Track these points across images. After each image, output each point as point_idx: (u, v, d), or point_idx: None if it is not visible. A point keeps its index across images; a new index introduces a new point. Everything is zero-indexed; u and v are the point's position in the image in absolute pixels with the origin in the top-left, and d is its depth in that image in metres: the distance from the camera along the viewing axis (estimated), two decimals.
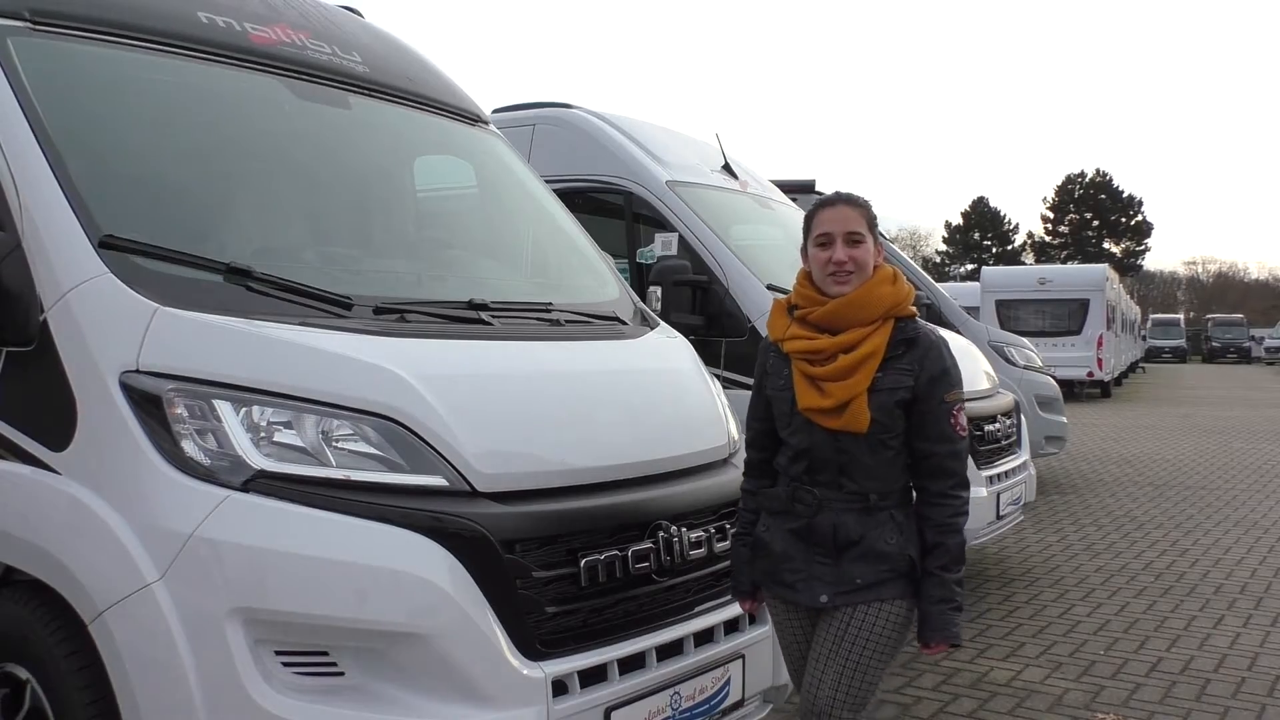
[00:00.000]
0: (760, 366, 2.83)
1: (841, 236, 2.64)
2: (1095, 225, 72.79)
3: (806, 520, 2.65)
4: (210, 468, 2.41)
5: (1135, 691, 4.77)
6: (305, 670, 2.35)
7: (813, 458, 2.64)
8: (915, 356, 2.62)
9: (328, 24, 3.76)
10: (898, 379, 2.59)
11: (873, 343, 2.59)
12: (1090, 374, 23.20)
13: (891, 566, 2.62)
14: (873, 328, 2.61)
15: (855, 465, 2.61)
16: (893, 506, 2.64)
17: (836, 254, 2.63)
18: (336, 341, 2.64)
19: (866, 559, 2.61)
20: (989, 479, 6.07)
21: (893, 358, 2.60)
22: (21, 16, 2.93)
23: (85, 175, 2.74)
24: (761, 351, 2.85)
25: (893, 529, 2.62)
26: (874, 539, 2.61)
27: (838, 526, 2.62)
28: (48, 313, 2.58)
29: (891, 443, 2.62)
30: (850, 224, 2.65)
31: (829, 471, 2.63)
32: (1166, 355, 50.85)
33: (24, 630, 2.55)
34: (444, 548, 2.43)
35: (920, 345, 2.64)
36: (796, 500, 2.67)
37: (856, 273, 2.64)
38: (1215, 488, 10.70)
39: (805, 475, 2.66)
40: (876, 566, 2.61)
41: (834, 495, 2.63)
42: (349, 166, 3.71)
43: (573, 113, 6.73)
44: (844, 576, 2.62)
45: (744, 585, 2.86)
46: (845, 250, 2.64)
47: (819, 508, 2.64)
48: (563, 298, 3.61)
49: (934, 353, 2.64)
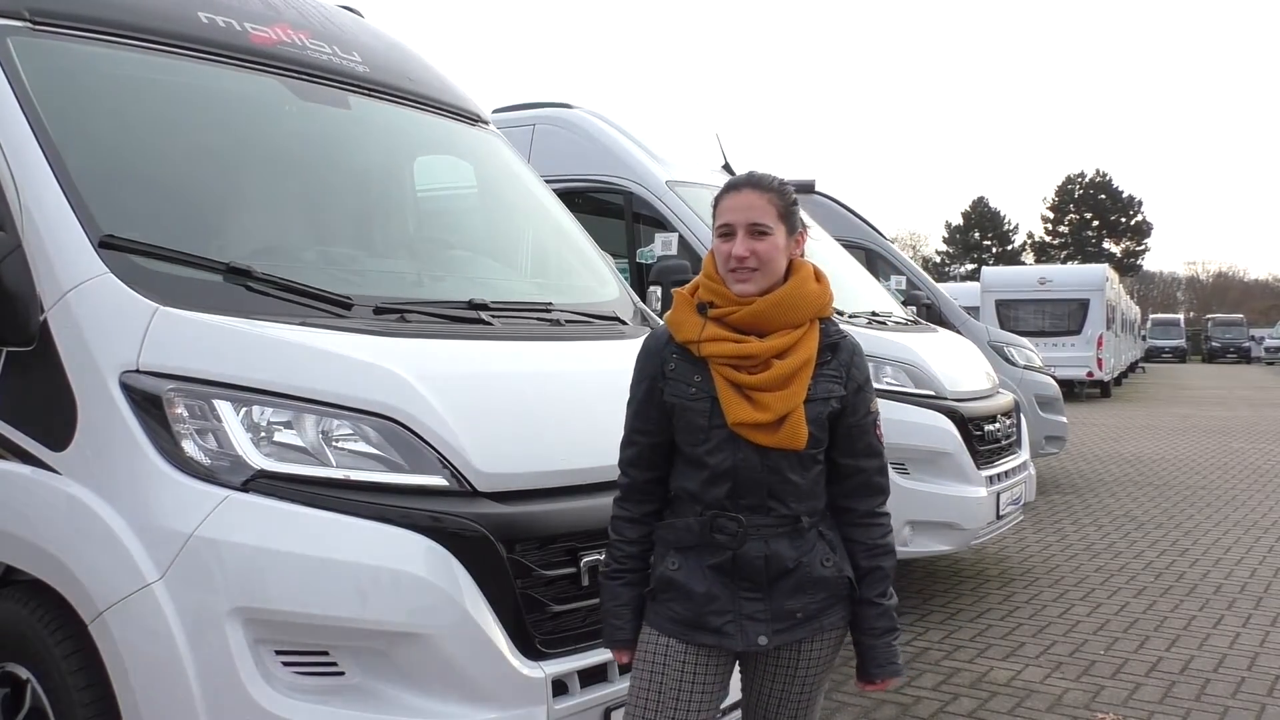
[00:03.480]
0: (653, 369, 2.37)
1: (744, 228, 2.29)
2: (1095, 225, 72.79)
3: (731, 553, 2.27)
4: (210, 467, 2.42)
5: (1135, 691, 4.77)
6: (305, 670, 2.36)
7: (738, 479, 2.27)
8: (841, 362, 2.35)
9: (328, 24, 3.76)
10: (828, 387, 2.31)
11: (807, 347, 2.30)
12: (1090, 374, 23.20)
13: (830, 592, 2.33)
14: (802, 330, 2.31)
15: (785, 485, 2.28)
16: (820, 525, 2.35)
17: (736, 248, 2.29)
18: (336, 341, 2.64)
19: (804, 589, 2.29)
20: (989, 479, 6.08)
21: (821, 364, 2.32)
22: (21, 16, 2.93)
23: (85, 175, 2.74)
24: (652, 352, 2.39)
25: (825, 549, 2.32)
26: (809, 564, 2.29)
27: (770, 556, 2.27)
28: (48, 313, 2.58)
29: (820, 458, 2.34)
30: (755, 214, 2.29)
31: (756, 494, 2.27)
32: (1166, 355, 50.85)
33: (24, 630, 2.55)
34: (444, 548, 2.43)
35: (844, 350, 2.37)
36: (716, 530, 2.27)
37: (760, 270, 2.29)
38: (1215, 488, 10.70)
39: (727, 500, 2.28)
40: (815, 595, 2.31)
41: (762, 521, 2.27)
42: (349, 166, 3.71)
43: (573, 113, 6.74)
44: (780, 612, 2.29)
45: (625, 633, 2.38)
46: (747, 243, 2.28)
47: (744, 537, 2.27)
48: (563, 298, 3.61)
49: (859, 358, 2.39)
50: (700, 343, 2.29)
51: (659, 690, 2.30)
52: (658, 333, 2.43)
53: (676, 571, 2.31)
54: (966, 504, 5.88)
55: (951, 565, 7.17)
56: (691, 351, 2.32)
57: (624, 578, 2.39)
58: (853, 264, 7.98)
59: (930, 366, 6.12)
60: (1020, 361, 10.28)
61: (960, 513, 5.85)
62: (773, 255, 2.31)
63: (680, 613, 2.30)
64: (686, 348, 2.32)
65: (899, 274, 10.05)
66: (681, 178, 6.48)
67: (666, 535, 2.35)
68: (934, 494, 5.79)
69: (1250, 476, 11.55)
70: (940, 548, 5.94)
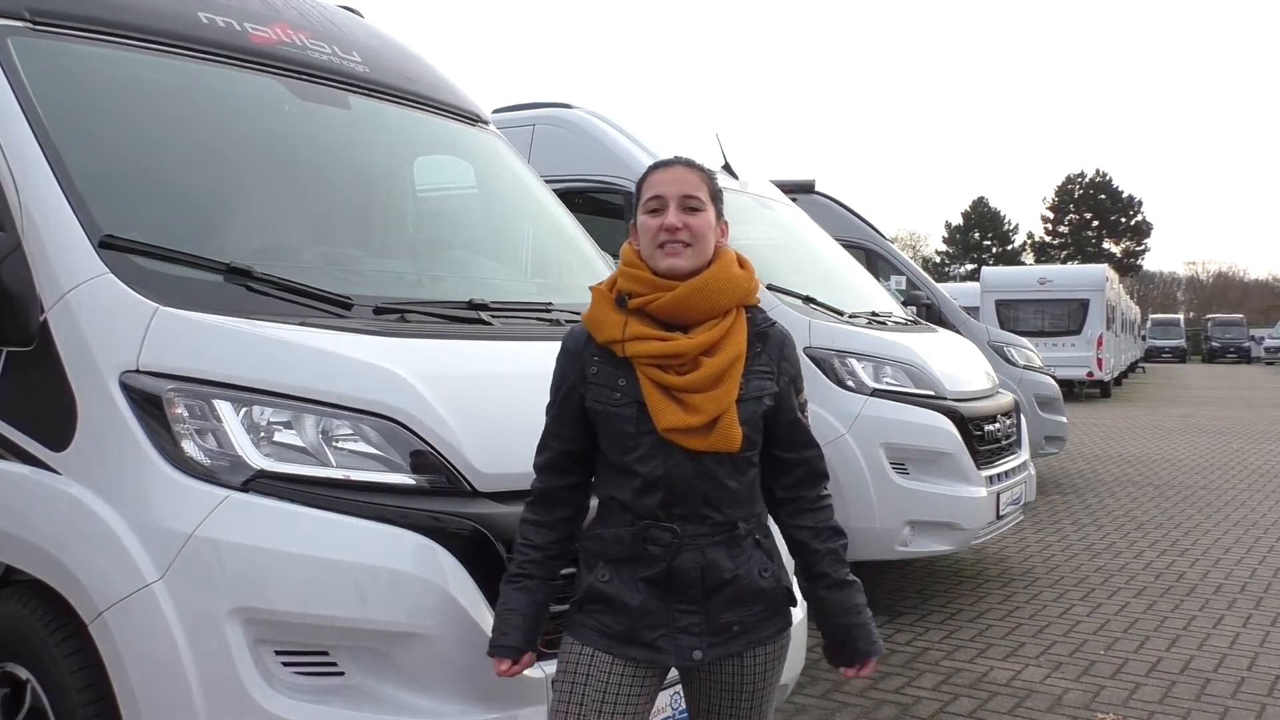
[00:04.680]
0: (573, 373, 2.26)
1: (676, 200, 2.20)
2: (1095, 225, 72.82)
3: (666, 564, 2.16)
4: (210, 467, 2.41)
5: (1135, 691, 4.77)
6: (305, 670, 2.35)
7: (671, 487, 2.15)
8: (771, 355, 2.24)
9: (328, 24, 3.76)
10: (760, 384, 2.21)
11: (736, 342, 2.18)
12: (1090, 374, 23.21)
13: (767, 604, 2.24)
14: (729, 321, 2.20)
15: (720, 491, 2.17)
16: (755, 533, 2.25)
17: (669, 219, 2.18)
18: (336, 341, 2.64)
19: (741, 601, 2.20)
20: (989, 479, 6.07)
21: (750, 356, 2.21)
22: (21, 16, 2.93)
23: (85, 175, 2.74)
24: (571, 355, 2.28)
25: (763, 558, 2.24)
26: (748, 575, 2.20)
27: (706, 567, 2.16)
28: (48, 313, 2.58)
29: (755, 459, 2.25)
30: (687, 187, 2.21)
31: (690, 502, 2.16)
32: (1166, 355, 50.85)
33: (24, 630, 2.55)
34: (444, 547, 2.42)
35: (774, 341, 2.26)
36: (649, 542, 2.16)
37: (693, 245, 2.19)
38: (1215, 488, 10.70)
39: (660, 509, 2.17)
40: (752, 607, 2.21)
41: (697, 530, 2.17)
42: (349, 166, 3.71)
43: (573, 113, 6.74)
44: (716, 625, 2.19)
45: (514, 639, 2.23)
46: (680, 215, 2.18)
47: (679, 548, 2.16)
48: (563, 298, 3.61)
49: (789, 349, 2.28)
50: (624, 342, 2.18)
51: (579, 704, 2.19)
52: (575, 333, 2.31)
53: (607, 584, 2.20)
54: (966, 504, 5.88)
55: (951, 565, 7.17)
56: (615, 353, 2.20)
57: (521, 583, 2.27)
58: (853, 264, 7.98)
59: (930, 366, 6.12)
60: (1020, 361, 10.29)
61: (960, 513, 5.85)
62: (705, 231, 2.21)
63: (611, 626, 2.20)
64: (609, 349, 2.21)
65: (899, 274, 10.05)
66: None
67: (594, 547, 2.25)
68: (934, 494, 5.79)
69: (1250, 476, 11.55)
70: (940, 548, 5.94)
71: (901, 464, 5.77)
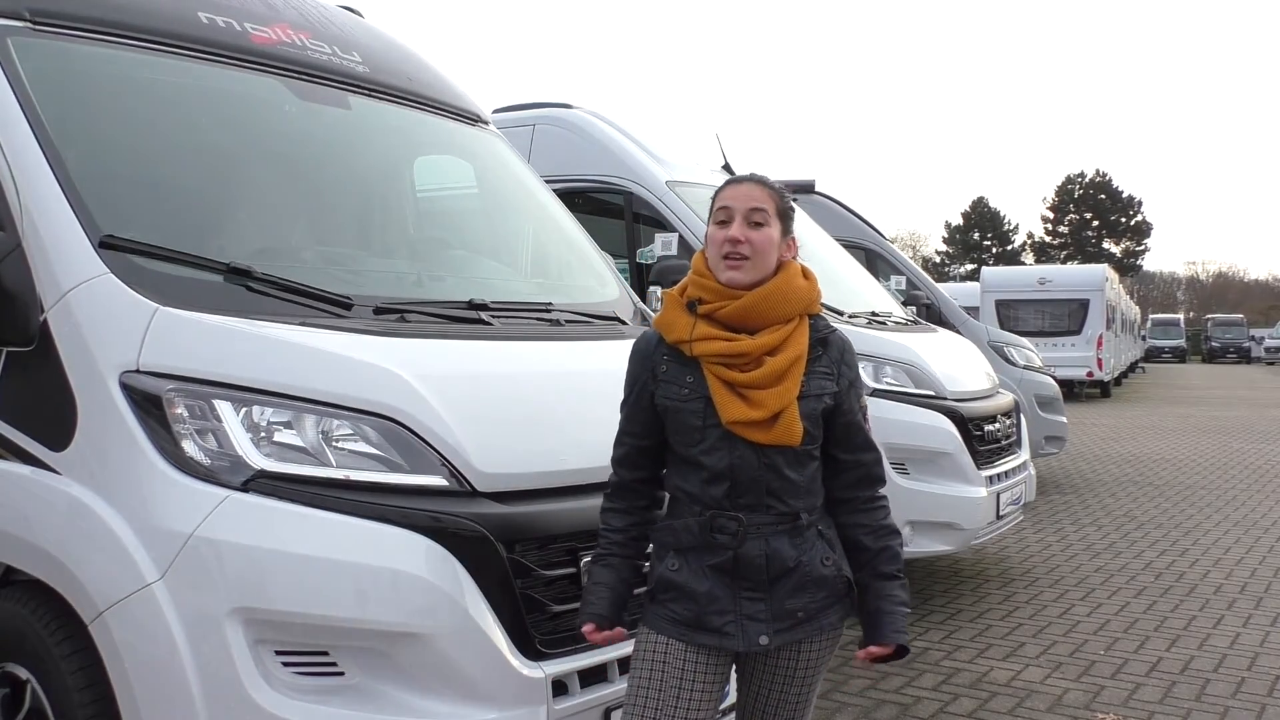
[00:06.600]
0: (644, 373, 2.39)
1: (742, 214, 2.32)
2: (1095, 225, 72.80)
3: (732, 552, 2.27)
4: (210, 467, 2.41)
5: (1135, 691, 4.77)
6: (305, 670, 2.35)
7: (736, 478, 2.27)
8: (832, 358, 2.37)
9: (328, 24, 3.76)
10: (820, 384, 2.33)
11: (798, 344, 2.31)
12: (1090, 374, 23.21)
13: (830, 591, 2.33)
14: (792, 326, 2.33)
15: (783, 483, 2.28)
16: (818, 524, 2.35)
17: (733, 231, 2.31)
18: (336, 341, 2.64)
19: (805, 588, 2.30)
20: (989, 479, 6.08)
21: (812, 359, 2.34)
22: (21, 16, 2.93)
23: (85, 175, 2.74)
24: (643, 356, 2.40)
25: (824, 548, 2.33)
26: (810, 564, 2.30)
27: (770, 555, 2.26)
28: (48, 313, 2.58)
29: (816, 454, 2.35)
30: (754, 202, 2.33)
31: (754, 493, 2.27)
32: (1166, 355, 50.86)
33: (24, 630, 2.55)
34: (444, 548, 2.42)
35: (834, 346, 2.39)
36: (716, 530, 2.27)
37: (753, 259, 2.31)
38: (1215, 488, 10.70)
39: (726, 499, 2.28)
40: (815, 594, 2.31)
41: (761, 519, 2.27)
42: (349, 167, 3.71)
43: (573, 113, 6.75)
44: (781, 611, 2.29)
45: (600, 608, 2.36)
46: (743, 229, 2.31)
47: (744, 536, 2.27)
48: (563, 298, 3.61)
49: (849, 355, 2.41)
50: (691, 342, 2.30)
51: (658, 689, 2.29)
52: (648, 335, 2.44)
53: (676, 572, 2.31)
54: (966, 504, 5.88)
55: (951, 565, 7.17)
56: (683, 352, 2.32)
57: (606, 560, 2.41)
58: (853, 264, 7.98)
59: (930, 366, 6.12)
60: (1020, 361, 10.29)
61: (960, 513, 5.85)
62: (766, 247, 2.33)
63: (680, 613, 2.31)
64: (678, 348, 2.34)
65: (899, 274, 10.05)
66: (681, 178, 6.48)
67: (664, 537, 2.36)
68: (934, 494, 5.79)
69: (1250, 476, 11.55)
70: (940, 548, 5.94)
71: (901, 464, 5.77)
